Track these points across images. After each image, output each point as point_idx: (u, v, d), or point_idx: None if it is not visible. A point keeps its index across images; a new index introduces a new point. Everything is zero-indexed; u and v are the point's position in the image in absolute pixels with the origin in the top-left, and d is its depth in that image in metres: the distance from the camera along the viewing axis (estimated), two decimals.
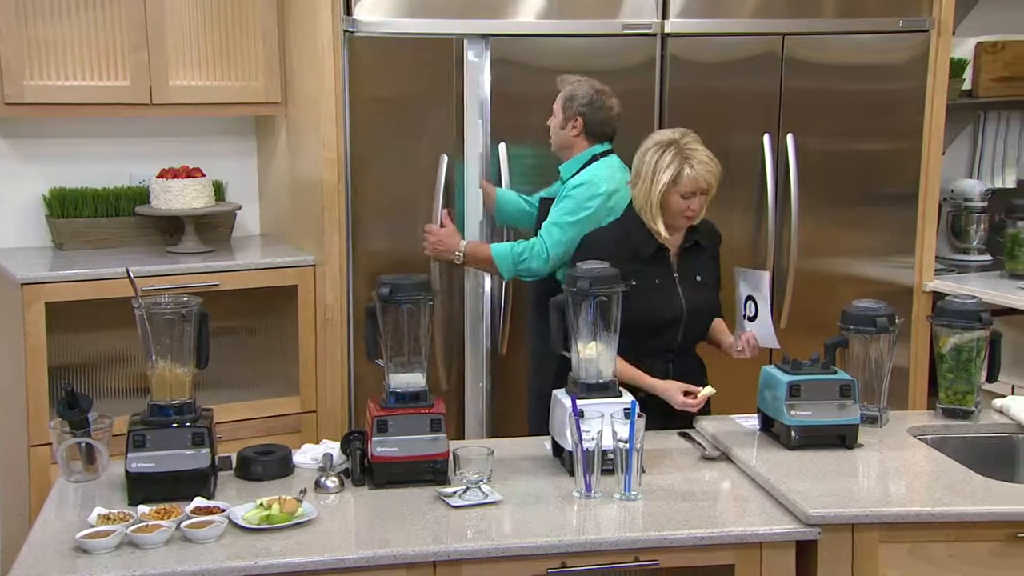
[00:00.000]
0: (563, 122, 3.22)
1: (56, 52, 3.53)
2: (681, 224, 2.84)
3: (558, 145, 3.28)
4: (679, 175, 2.76)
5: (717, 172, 2.82)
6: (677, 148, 2.79)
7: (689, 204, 2.79)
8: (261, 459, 2.42)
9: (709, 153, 2.83)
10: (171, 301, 2.37)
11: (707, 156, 2.81)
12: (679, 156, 2.78)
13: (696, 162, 2.78)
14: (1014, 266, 4.13)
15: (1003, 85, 4.51)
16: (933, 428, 2.71)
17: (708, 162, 2.80)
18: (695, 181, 2.77)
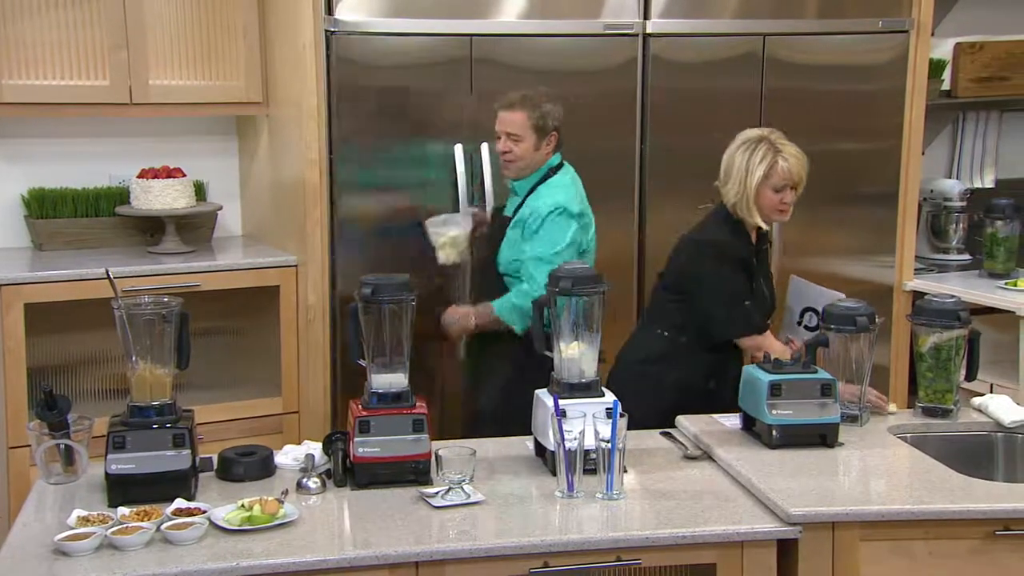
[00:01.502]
0: (537, 143, 3.13)
1: (35, 52, 3.50)
2: (776, 219, 2.95)
3: (529, 167, 3.17)
4: (772, 168, 2.86)
5: (807, 165, 2.90)
6: (768, 143, 2.88)
7: (781, 198, 2.89)
8: (242, 460, 2.41)
9: (798, 148, 2.90)
10: (151, 302, 2.36)
11: (796, 150, 2.90)
12: (771, 151, 2.87)
13: (788, 155, 2.87)
14: (993, 265, 4.16)
15: (982, 85, 4.55)
16: (913, 427, 2.73)
17: (799, 155, 2.89)
18: (788, 174, 2.86)
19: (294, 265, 3.58)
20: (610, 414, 2.33)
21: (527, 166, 3.17)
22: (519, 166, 3.17)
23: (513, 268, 3.19)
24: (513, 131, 3.13)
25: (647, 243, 3.73)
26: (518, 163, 3.17)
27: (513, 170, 3.19)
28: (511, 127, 3.14)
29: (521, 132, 3.13)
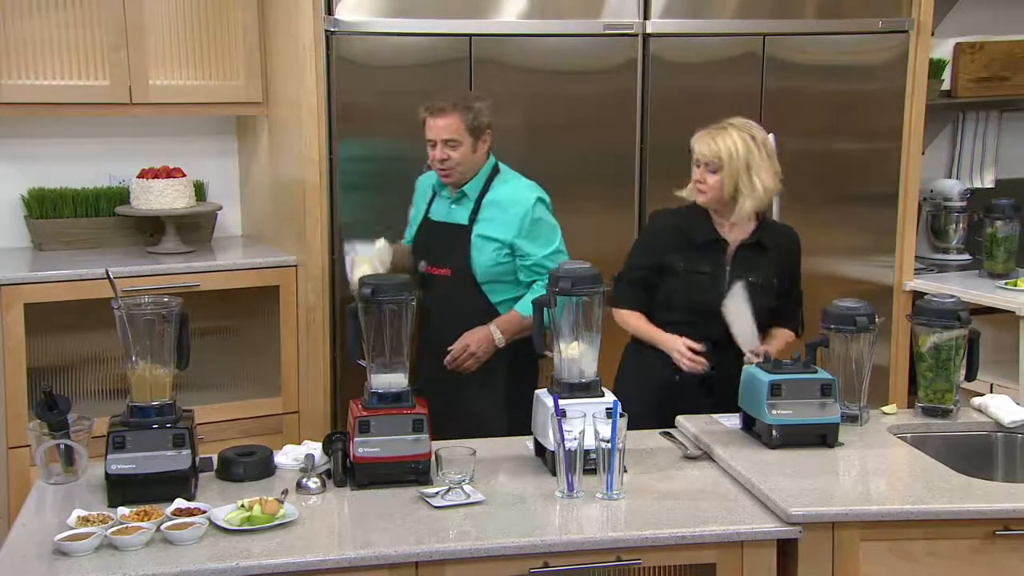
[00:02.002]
0: (474, 144, 3.04)
1: (35, 51, 3.51)
2: (697, 198, 2.89)
3: (470, 171, 3.07)
4: (693, 144, 2.91)
5: (718, 153, 2.83)
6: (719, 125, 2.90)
7: (698, 174, 2.89)
8: (242, 460, 2.40)
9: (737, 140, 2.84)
10: (151, 302, 2.36)
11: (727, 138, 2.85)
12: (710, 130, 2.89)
13: (709, 137, 2.87)
14: (993, 265, 4.16)
15: (981, 86, 4.55)
16: (913, 427, 2.73)
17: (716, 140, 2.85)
18: (698, 150, 2.88)
19: (294, 265, 3.58)
20: (610, 414, 2.33)
21: (468, 170, 3.07)
22: (460, 171, 3.06)
23: (498, 273, 3.07)
24: (449, 136, 3.01)
25: None
26: (458, 169, 3.05)
27: (455, 176, 3.07)
28: (446, 133, 3.02)
29: (458, 136, 3.02)
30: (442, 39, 3.50)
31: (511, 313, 3.08)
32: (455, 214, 3.12)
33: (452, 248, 3.08)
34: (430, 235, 3.17)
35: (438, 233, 3.14)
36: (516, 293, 3.11)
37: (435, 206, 3.17)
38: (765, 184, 2.85)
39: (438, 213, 3.16)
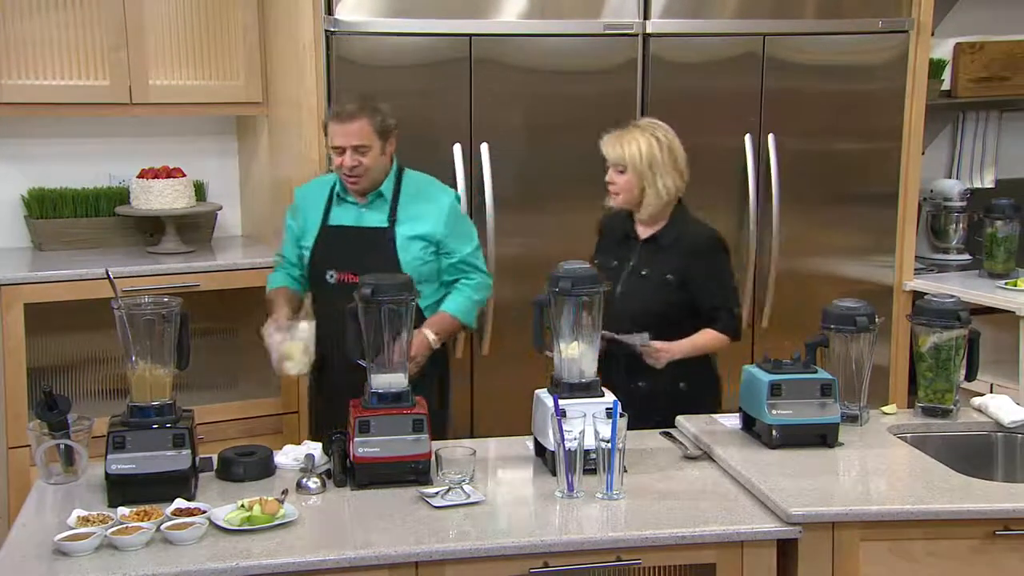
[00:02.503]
0: (383, 147, 2.93)
1: (35, 51, 3.51)
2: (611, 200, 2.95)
3: (379, 176, 2.95)
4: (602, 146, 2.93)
5: (622, 155, 2.87)
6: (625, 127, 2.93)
7: (608, 176, 2.92)
8: (242, 460, 2.40)
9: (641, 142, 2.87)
10: (151, 302, 2.36)
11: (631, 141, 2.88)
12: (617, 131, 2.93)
13: (616, 139, 2.91)
14: (993, 265, 4.16)
15: (981, 86, 4.55)
16: (913, 427, 2.73)
17: (621, 143, 2.89)
18: (606, 152, 2.92)
19: None
20: (610, 414, 2.33)
21: (376, 175, 2.95)
22: (370, 177, 2.93)
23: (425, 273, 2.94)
24: (359, 142, 2.88)
25: None
26: (368, 175, 2.92)
27: (363, 184, 2.94)
28: (356, 138, 2.88)
29: (368, 141, 2.89)
30: (442, 39, 3.50)
31: (441, 314, 2.97)
32: (368, 218, 2.97)
33: (372, 252, 2.92)
34: (339, 242, 2.97)
35: (350, 239, 2.97)
36: (439, 295, 3.00)
37: (337, 212, 3.00)
38: (667, 185, 2.88)
39: (344, 218, 2.99)
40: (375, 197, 2.98)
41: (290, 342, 2.86)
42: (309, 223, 3.04)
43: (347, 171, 2.91)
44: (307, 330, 2.87)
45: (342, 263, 2.95)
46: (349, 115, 2.90)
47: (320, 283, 3.00)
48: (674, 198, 2.94)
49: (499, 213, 3.54)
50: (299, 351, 2.85)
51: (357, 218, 2.99)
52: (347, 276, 2.92)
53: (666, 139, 2.91)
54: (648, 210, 2.91)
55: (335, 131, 2.91)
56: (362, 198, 2.98)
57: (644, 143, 2.88)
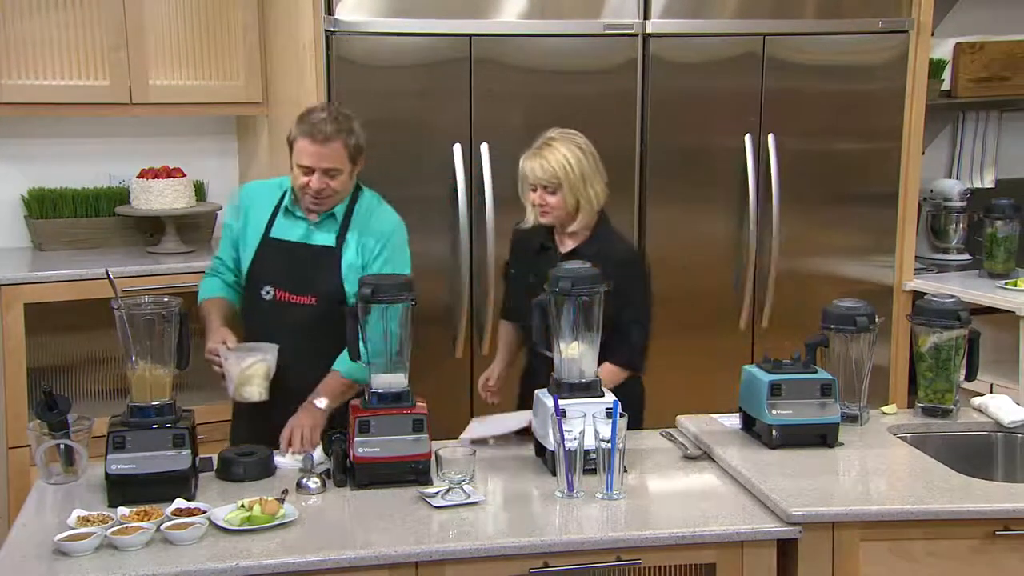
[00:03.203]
0: (352, 170, 2.75)
1: (35, 51, 3.51)
2: (543, 219, 2.84)
3: (343, 197, 2.77)
4: (523, 169, 2.85)
5: (555, 172, 2.76)
6: (543, 141, 2.83)
7: (535, 197, 2.83)
8: (242, 460, 2.40)
9: (567, 154, 2.77)
10: (151, 302, 2.36)
11: (557, 155, 2.77)
12: (537, 149, 2.83)
13: (538, 157, 2.80)
14: (993, 265, 4.16)
15: (981, 86, 4.55)
16: (913, 427, 2.73)
17: (547, 159, 2.77)
18: (532, 174, 2.81)
19: None
20: (610, 414, 2.33)
21: (342, 198, 2.76)
22: (335, 201, 2.74)
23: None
24: (331, 165, 2.68)
25: (647, 243, 3.72)
26: (334, 199, 2.73)
27: (327, 207, 2.74)
28: (329, 161, 2.68)
29: (340, 165, 2.70)
30: (442, 39, 3.50)
31: (331, 376, 2.69)
32: (316, 236, 2.77)
33: (317, 273, 2.74)
34: (281, 257, 2.77)
35: (294, 255, 2.76)
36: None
37: (281, 224, 2.79)
38: (597, 192, 2.82)
39: (288, 232, 2.78)
40: (328, 216, 2.78)
41: (252, 365, 2.60)
42: (250, 229, 2.82)
43: (313, 194, 2.71)
44: (270, 352, 2.63)
45: (282, 280, 2.75)
46: (326, 137, 2.68)
47: (254, 297, 2.78)
48: (602, 204, 2.86)
49: (499, 213, 3.54)
50: (261, 375, 2.61)
51: (305, 235, 2.78)
52: (285, 295, 2.75)
53: (587, 146, 2.83)
54: (582, 222, 2.82)
55: (306, 150, 2.68)
56: (314, 215, 2.78)
57: (570, 155, 2.78)
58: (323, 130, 2.68)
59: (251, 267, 2.80)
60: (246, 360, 2.60)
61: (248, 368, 2.59)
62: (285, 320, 2.74)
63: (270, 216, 2.82)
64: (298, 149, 2.71)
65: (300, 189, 2.74)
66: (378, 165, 3.49)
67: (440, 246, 3.56)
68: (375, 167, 3.50)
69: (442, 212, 3.52)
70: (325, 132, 2.68)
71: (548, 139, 2.84)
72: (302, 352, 2.70)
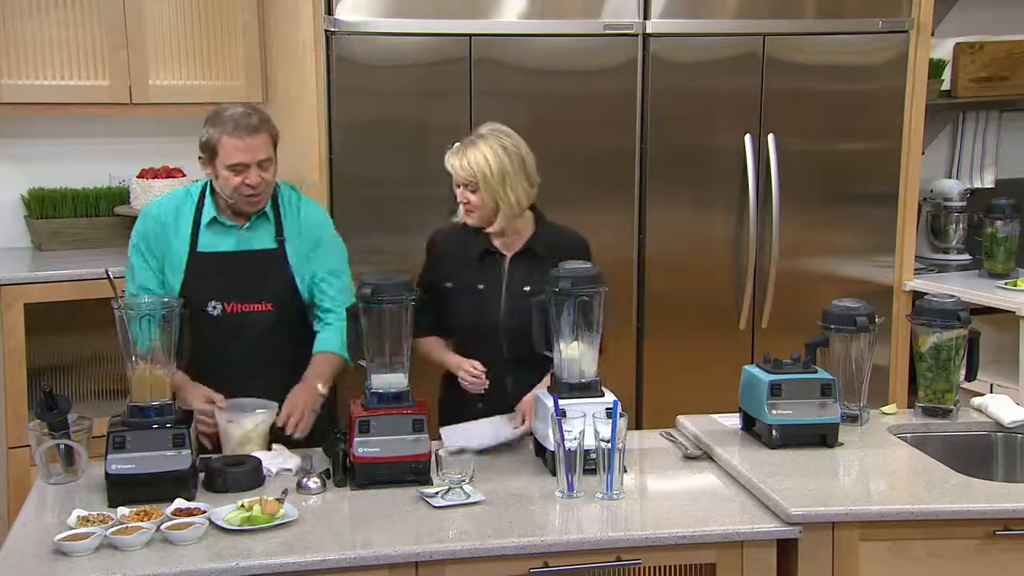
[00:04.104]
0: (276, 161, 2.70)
1: (35, 51, 3.51)
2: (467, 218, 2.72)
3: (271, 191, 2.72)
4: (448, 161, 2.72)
5: (472, 171, 2.65)
6: (470, 138, 2.72)
7: (459, 194, 2.71)
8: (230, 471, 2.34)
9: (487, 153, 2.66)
10: (151, 302, 2.36)
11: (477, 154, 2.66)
12: (462, 144, 2.71)
13: (461, 153, 2.69)
14: (993, 265, 4.16)
15: (981, 86, 4.55)
16: (913, 427, 2.73)
17: (467, 157, 2.66)
18: (453, 170, 2.70)
19: None
20: (610, 414, 2.33)
21: (270, 192, 2.71)
22: (267, 195, 2.70)
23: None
24: (266, 155, 2.64)
25: (647, 243, 3.73)
26: (267, 192, 2.68)
27: (263, 202, 2.69)
28: (263, 151, 2.63)
29: (270, 154, 2.66)
30: (442, 39, 3.50)
31: (323, 356, 2.69)
32: (252, 241, 2.72)
33: (265, 278, 2.70)
34: (221, 270, 2.69)
35: (235, 265, 2.70)
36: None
37: (209, 238, 2.71)
38: (517, 196, 2.68)
39: (218, 244, 2.71)
40: (260, 216, 2.72)
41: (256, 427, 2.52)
42: (171, 254, 2.72)
43: (252, 189, 2.64)
44: (270, 410, 2.56)
45: (228, 292, 2.68)
46: (254, 128, 2.62)
47: (197, 316, 2.61)
48: (525, 208, 2.73)
49: None
50: (263, 434, 2.53)
51: (239, 242, 2.72)
52: (237, 306, 2.69)
53: (514, 145, 2.71)
54: (500, 225, 2.70)
55: (235, 147, 2.61)
56: (241, 219, 2.72)
57: (491, 154, 2.66)
58: (248, 123, 2.63)
59: (185, 286, 2.70)
60: (248, 423, 2.52)
61: (252, 430, 2.52)
62: (242, 331, 2.69)
63: (191, 231, 2.73)
64: (226, 150, 2.63)
65: (234, 191, 2.66)
66: (378, 165, 3.52)
67: None
68: (376, 167, 3.52)
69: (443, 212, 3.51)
70: (251, 124, 2.63)
71: (476, 135, 2.71)
72: (264, 360, 2.67)
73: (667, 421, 2.81)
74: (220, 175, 2.67)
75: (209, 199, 2.74)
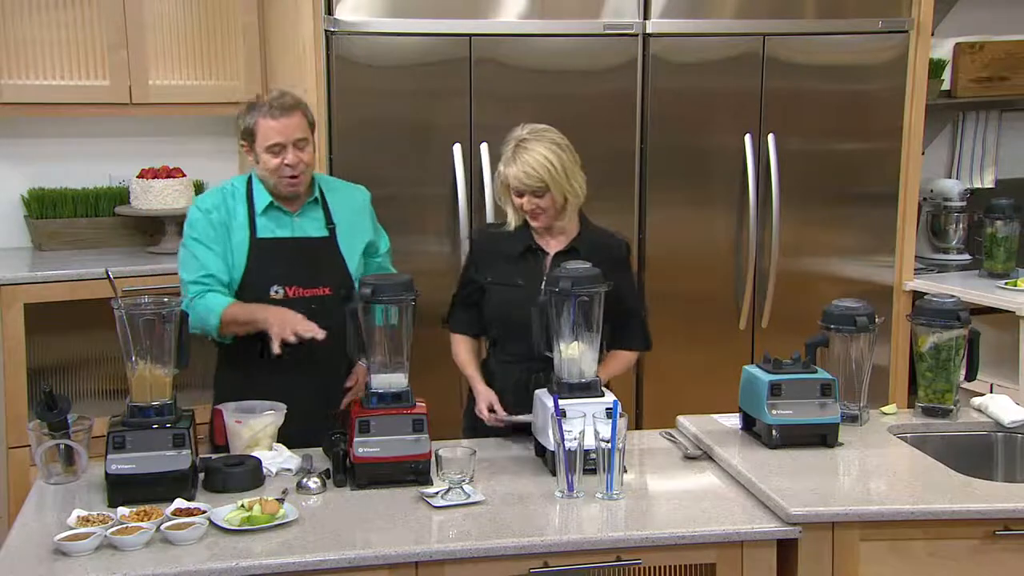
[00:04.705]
0: (314, 143, 2.80)
1: (35, 51, 3.51)
2: (535, 222, 2.74)
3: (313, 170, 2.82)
4: (506, 176, 2.72)
5: (539, 175, 2.65)
6: (516, 144, 2.72)
7: (523, 203, 2.71)
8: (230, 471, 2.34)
9: (546, 153, 2.67)
10: (151, 301, 2.36)
11: (535, 158, 2.67)
12: (512, 153, 2.71)
13: (520, 161, 2.68)
14: (992, 265, 4.16)
15: (981, 86, 4.55)
16: (913, 427, 2.73)
17: (528, 163, 2.66)
18: (516, 180, 2.69)
19: None
20: (610, 414, 2.34)
21: (310, 175, 2.80)
22: (307, 177, 2.78)
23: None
24: (302, 135, 2.73)
25: (647, 243, 3.73)
26: (308, 172, 2.77)
27: (303, 183, 2.77)
28: (299, 131, 2.72)
29: (306, 135, 2.75)
30: (442, 39, 3.50)
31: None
32: (304, 227, 2.81)
33: (321, 264, 2.79)
34: (279, 256, 2.78)
35: (292, 251, 2.79)
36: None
37: (266, 224, 2.79)
38: (580, 184, 2.73)
39: (275, 230, 2.79)
40: (313, 202, 2.82)
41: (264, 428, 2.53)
42: (232, 241, 2.78)
43: (291, 170, 2.72)
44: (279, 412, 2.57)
45: (289, 277, 2.76)
46: (290, 108, 2.72)
47: (260, 300, 2.74)
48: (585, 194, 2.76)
49: (499, 213, 3.53)
50: (271, 435, 2.54)
51: (293, 228, 2.81)
52: (298, 290, 2.76)
53: (562, 139, 2.74)
54: (567, 217, 2.73)
55: (272, 128, 2.70)
56: (294, 206, 2.80)
57: (550, 153, 2.67)
58: (283, 103, 2.74)
59: (248, 272, 2.78)
60: (256, 424, 2.52)
61: (260, 431, 2.53)
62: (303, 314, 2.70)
63: (248, 218, 2.79)
64: (263, 131, 2.72)
65: (274, 172, 2.74)
66: (378, 165, 3.52)
67: (440, 246, 3.56)
68: (376, 167, 3.52)
69: (442, 212, 3.52)
70: (285, 104, 2.74)
71: (521, 141, 2.71)
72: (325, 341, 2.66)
73: (667, 421, 2.81)
74: (260, 159, 2.76)
75: (257, 186, 2.81)
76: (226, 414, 2.55)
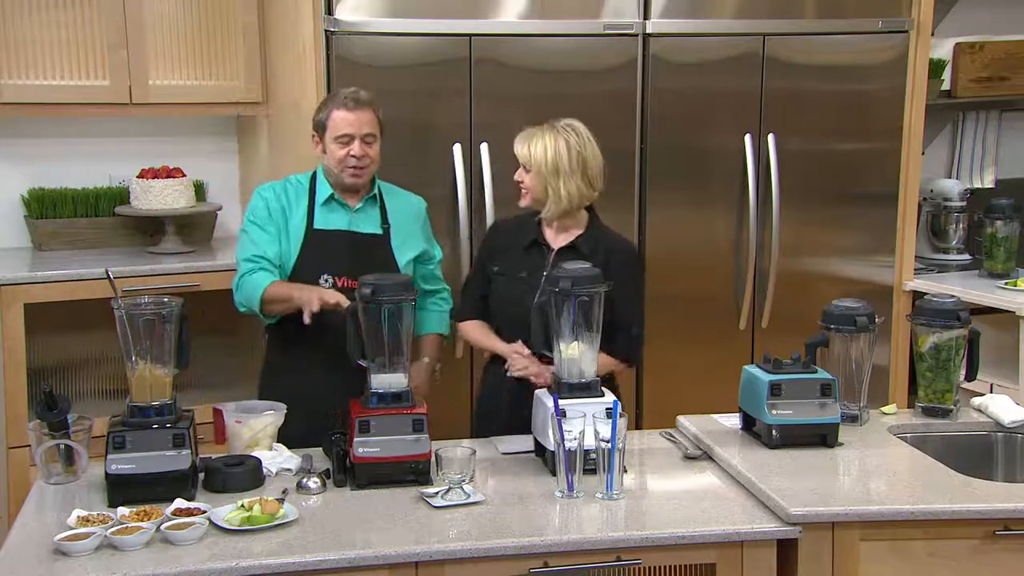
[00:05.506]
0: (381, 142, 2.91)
1: (35, 51, 3.51)
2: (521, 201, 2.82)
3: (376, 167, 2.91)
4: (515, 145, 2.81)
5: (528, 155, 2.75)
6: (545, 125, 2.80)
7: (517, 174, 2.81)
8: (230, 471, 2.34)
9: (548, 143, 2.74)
10: (151, 302, 2.36)
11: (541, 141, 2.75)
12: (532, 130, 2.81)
13: (526, 137, 2.80)
14: (992, 265, 4.16)
15: (981, 86, 4.55)
16: (913, 427, 2.73)
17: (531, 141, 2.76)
18: (516, 150, 2.80)
19: None
20: (610, 414, 2.34)
21: (374, 171, 2.92)
22: (371, 172, 2.90)
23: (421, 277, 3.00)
24: (371, 130, 2.85)
25: (647, 243, 3.73)
26: (372, 168, 2.89)
27: (366, 176, 2.89)
28: (368, 126, 2.85)
29: (376, 131, 2.87)
30: (442, 39, 3.50)
31: (430, 338, 3.04)
32: (360, 223, 2.92)
33: (372, 259, 2.84)
34: (334, 247, 2.88)
35: (347, 244, 2.89)
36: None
37: (324, 215, 2.90)
38: (569, 191, 2.74)
39: (332, 222, 2.90)
40: (371, 199, 2.94)
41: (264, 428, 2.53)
42: (289, 228, 2.90)
43: (356, 160, 2.85)
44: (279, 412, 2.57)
45: (340, 267, 2.85)
46: (364, 103, 2.86)
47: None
48: (578, 206, 2.79)
49: (499, 213, 3.53)
50: (271, 435, 2.55)
51: (350, 223, 2.91)
52: (347, 281, 2.83)
53: (578, 145, 2.75)
54: (548, 213, 2.78)
55: (343, 119, 2.83)
56: (354, 201, 2.92)
57: (551, 146, 2.73)
58: (357, 97, 2.86)
59: (301, 259, 2.88)
60: (256, 424, 2.52)
61: (260, 431, 2.53)
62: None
63: (307, 209, 2.91)
64: (335, 122, 2.85)
65: (340, 162, 2.86)
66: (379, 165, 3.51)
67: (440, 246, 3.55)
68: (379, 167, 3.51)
69: (442, 212, 3.52)
70: (359, 98, 2.86)
71: (549, 124, 2.81)
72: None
73: (667, 421, 2.81)
74: (328, 149, 2.87)
75: (321, 180, 2.92)
76: (226, 414, 2.56)
